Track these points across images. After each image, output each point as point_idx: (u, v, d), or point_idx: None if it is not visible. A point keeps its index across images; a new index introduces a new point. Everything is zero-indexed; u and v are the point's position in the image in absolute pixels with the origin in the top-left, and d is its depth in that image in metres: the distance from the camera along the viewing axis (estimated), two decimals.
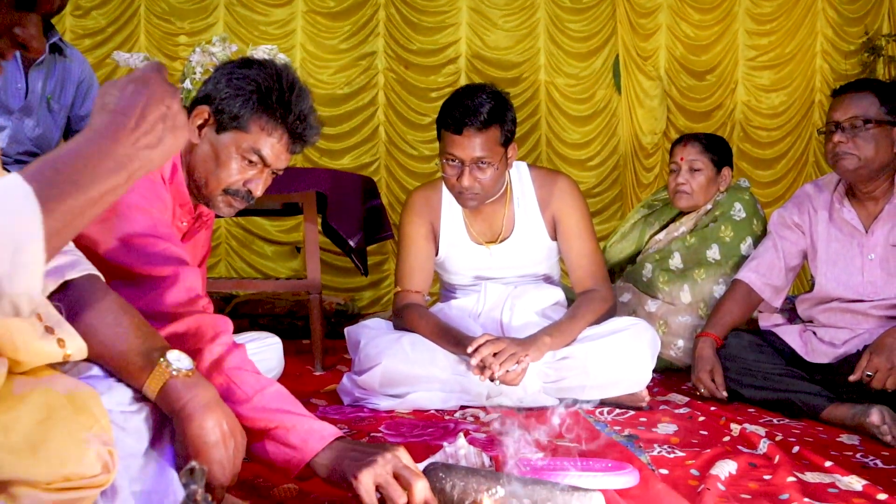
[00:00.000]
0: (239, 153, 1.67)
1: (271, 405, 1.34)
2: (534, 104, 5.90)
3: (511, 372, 2.16)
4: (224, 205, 1.73)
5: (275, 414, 1.33)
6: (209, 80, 1.73)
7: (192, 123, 1.68)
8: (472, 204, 2.42)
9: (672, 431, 2.07)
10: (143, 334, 1.27)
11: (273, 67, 1.69)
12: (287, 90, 1.66)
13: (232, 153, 1.67)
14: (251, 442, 1.33)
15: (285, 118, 1.67)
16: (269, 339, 2.17)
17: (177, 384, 1.24)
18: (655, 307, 3.04)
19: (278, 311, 4.35)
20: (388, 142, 5.87)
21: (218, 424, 1.23)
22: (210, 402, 1.26)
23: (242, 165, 1.68)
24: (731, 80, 5.98)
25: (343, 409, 2.27)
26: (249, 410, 1.33)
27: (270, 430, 1.32)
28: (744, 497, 1.51)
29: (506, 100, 2.37)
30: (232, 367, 1.37)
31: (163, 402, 1.25)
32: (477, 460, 1.56)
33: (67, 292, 1.22)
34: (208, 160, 1.69)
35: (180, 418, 1.23)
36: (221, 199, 1.72)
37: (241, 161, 1.67)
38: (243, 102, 1.65)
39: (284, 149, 1.70)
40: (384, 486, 1.25)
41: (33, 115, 2.93)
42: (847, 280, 2.44)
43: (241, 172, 1.68)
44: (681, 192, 3.11)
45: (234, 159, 1.67)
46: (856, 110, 2.34)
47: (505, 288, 2.55)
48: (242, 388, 1.34)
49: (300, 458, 1.31)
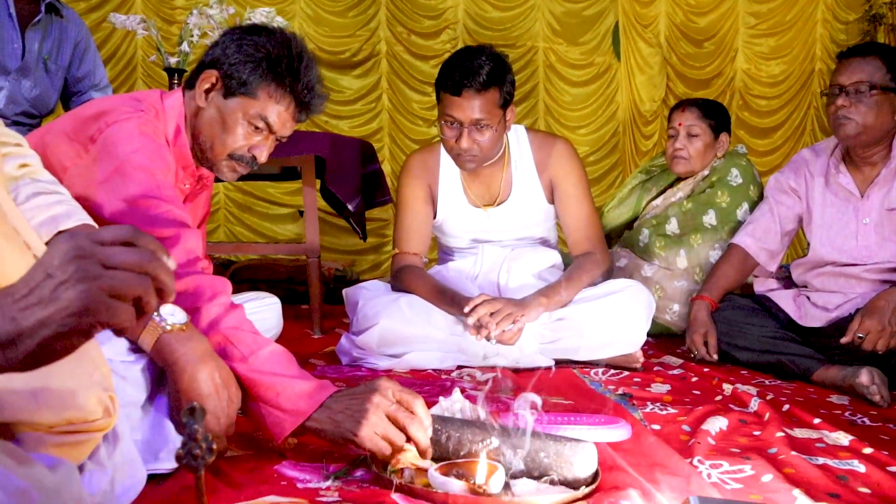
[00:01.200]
0: (246, 119, 1.68)
1: (265, 367, 1.34)
2: (531, 69, 5.88)
3: (507, 332, 2.18)
4: (228, 170, 1.75)
5: (267, 376, 1.33)
6: (217, 45, 1.73)
7: (200, 87, 1.69)
8: (471, 166, 2.43)
9: (665, 391, 2.10)
10: None
11: (282, 35, 1.70)
12: (296, 59, 1.67)
13: (239, 119, 1.68)
14: (246, 401, 1.35)
15: (294, 86, 1.68)
16: (267, 299, 2.19)
17: (170, 338, 1.27)
18: (652, 272, 3.06)
19: (277, 277, 4.37)
20: (391, 108, 5.86)
21: (210, 376, 1.26)
22: (203, 355, 1.28)
23: (248, 131, 1.69)
24: (731, 48, 5.95)
25: (341, 368, 2.30)
26: (245, 371, 1.34)
27: (262, 392, 1.33)
28: (733, 451, 1.54)
29: (505, 62, 2.37)
30: (229, 327, 1.38)
31: (157, 356, 1.28)
32: (472, 414, 1.58)
33: None
34: (214, 124, 1.70)
35: (174, 371, 1.26)
36: (226, 164, 1.74)
37: (248, 127, 1.69)
38: (252, 69, 1.65)
39: (291, 117, 1.72)
40: (385, 435, 1.27)
41: (30, 76, 2.93)
42: (841, 244, 2.46)
43: (246, 138, 1.70)
44: (678, 157, 3.11)
45: (240, 125, 1.68)
46: (861, 75, 2.33)
47: (502, 250, 2.57)
48: (239, 348, 1.36)
49: (291, 422, 1.32)
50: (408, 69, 5.85)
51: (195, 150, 1.75)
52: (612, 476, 1.32)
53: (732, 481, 1.37)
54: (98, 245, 0.73)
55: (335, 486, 1.25)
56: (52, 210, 1.23)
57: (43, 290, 0.71)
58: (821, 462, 1.49)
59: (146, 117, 1.65)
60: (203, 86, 1.69)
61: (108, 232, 0.76)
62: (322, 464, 1.35)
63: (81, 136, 1.60)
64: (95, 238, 0.74)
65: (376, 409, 1.29)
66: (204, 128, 1.71)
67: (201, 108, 1.71)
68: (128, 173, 1.54)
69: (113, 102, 1.67)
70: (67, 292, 0.70)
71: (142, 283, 0.73)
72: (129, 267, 0.73)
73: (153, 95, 1.74)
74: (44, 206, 1.22)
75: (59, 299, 0.70)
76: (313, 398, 1.32)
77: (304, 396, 1.32)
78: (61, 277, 0.71)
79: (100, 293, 0.71)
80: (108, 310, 0.71)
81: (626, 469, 1.35)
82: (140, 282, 0.73)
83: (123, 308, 0.72)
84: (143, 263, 0.74)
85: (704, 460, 1.46)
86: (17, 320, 0.71)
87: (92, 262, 0.72)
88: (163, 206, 1.54)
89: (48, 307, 0.71)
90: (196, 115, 1.72)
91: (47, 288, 0.71)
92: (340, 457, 1.41)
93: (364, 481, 1.28)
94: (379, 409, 1.28)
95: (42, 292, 0.71)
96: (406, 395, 1.33)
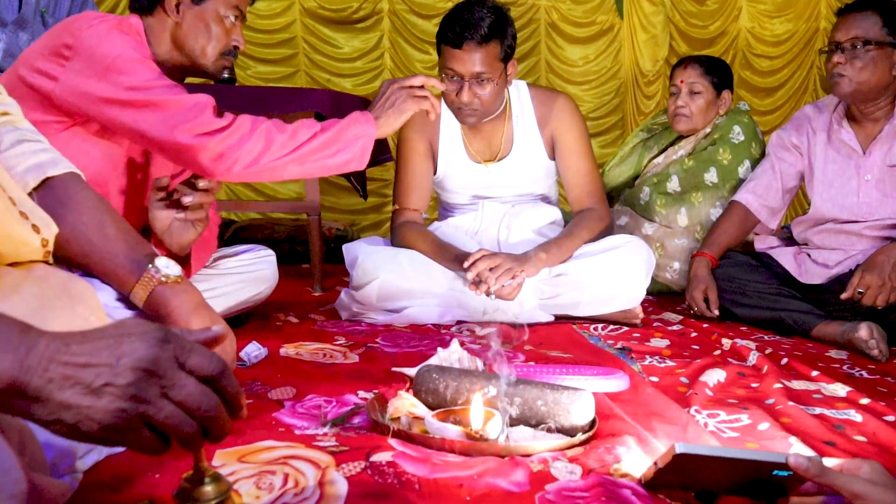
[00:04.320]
0: (224, 14, 1.82)
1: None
2: (533, 27, 5.82)
3: (507, 287, 2.18)
4: (221, 67, 1.87)
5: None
6: None
7: (169, 3, 1.79)
8: (471, 120, 2.41)
9: (664, 345, 2.10)
10: (129, 238, 1.28)
11: None
12: None
13: (218, 16, 1.82)
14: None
15: None
16: (262, 252, 2.19)
17: (165, 290, 1.27)
18: (652, 230, 3.05)
19: (278, 237, 4.36)
20: (393, 67, 5.81)
21: (204, 326, 1.27)
22: (198, 306, 1.29)
23: (227, 25, 1.84)
24: (735, 6, 5.88)
25: (341, 322, 2.30)
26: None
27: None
28: (730, 402, 1.55)
29: (506, 15, 2.35)
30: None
31: (151, 308, 1.28)
32: (470, 364, 1.59)
33: (49, 191, 1.22)
34: (198, 31, 1.81)
35: (167, 323, 1.26)
36: (219, 63, 1.86)
37: (226, 21, 1.83)
38: None
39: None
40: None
41: (28, 29, 2.89)
42: (843, 201, 2.45)
43: (228, 33, 1.84)
44: (680, 115, 3.09)
45: (221, 22, 1.82)
46: (857, 31, 2.31)
47: (502, 206, 2.56)
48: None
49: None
50: (409, 27, 5.79)
51: (181, 63, 1.84)
52: (609, 424, 1.32)
53: (729, 430, 1.37)
54: (177, 367, 0.68)
55: (333, 433, 1.25)
56: (37, 157, 1.22)
57: (97, 377, 0.64)
58: (818, 412, 1.50)
59: (121, 20, 1.74)
60: (172, 1, 1.79)
61: (199, 356, 0.69)
62: (320, 411, 1.36)
63: (55, 45, 1.65)
64: (182, 356, 0.68)
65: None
66: (188, 38, 1.81)
67: (177, 22, 1.81)
68: (121, 67, 1.64)
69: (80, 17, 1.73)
70: (110, 399, 0.64)
71: (188, 427, 0.68)
72: (188, 408, 0.68)
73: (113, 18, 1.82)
74: (29, 153, 1.21)
75: (99, 400, 0.64)
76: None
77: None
78: (118, 379, 0.65)
79: (137, 420, 0.65)
80: (136, 438, 0.66)
81: (623, 417, 1.36)
82: (187, 426, 0.68)
83: (152, 441, 0.67)
84: (204, 410, 0.68)
85: (701, 410, 1.47)
86: (51, 384, 0.64)
87: (155, 385, 0.66)
88: (173, 87, 1.69)
89: (85, 397, 0.64)
90: (175, 30, 1.81)
91: (101, 378, 0.64)
92: (339, 404, 1.42)
93: (361, 428, 1.29)
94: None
95: (93, 378, 0.64)
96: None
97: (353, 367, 1.75)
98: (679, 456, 0.98)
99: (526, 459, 1.14)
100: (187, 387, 0.68)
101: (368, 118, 1.88)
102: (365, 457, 1.13)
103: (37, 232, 1.08)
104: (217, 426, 0.70)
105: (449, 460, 1.13)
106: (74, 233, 1.22)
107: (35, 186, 1.20)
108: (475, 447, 1.16)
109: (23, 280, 1.03)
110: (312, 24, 5.70)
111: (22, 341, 0.64)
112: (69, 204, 1.23)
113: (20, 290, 1.00)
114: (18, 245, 1.06)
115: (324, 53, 5.72)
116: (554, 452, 1.18)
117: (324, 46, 5.72)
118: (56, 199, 1.22)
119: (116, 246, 1.26)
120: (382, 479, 1.06)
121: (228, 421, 0.71)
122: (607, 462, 1.15)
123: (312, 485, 1.04)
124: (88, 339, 0.66)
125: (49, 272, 1.09)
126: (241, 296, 2.07)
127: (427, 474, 1.08)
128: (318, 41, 5.71)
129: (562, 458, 1.16)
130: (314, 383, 1.56)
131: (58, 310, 1.01)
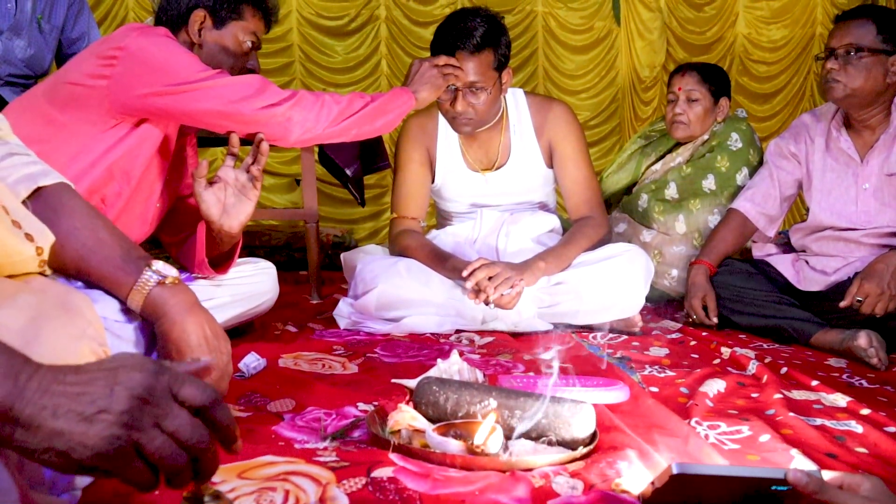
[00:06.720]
0: (242, 40, 1.93)
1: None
2: (530, 34, 5.82)
3: (506, 296, 2.18)
4: None
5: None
6: None
7: (192, 27, 1.90)
8: (467, 129, 2.41)
9: (663, 354, 2.10)
10: (123, 242, 1.29)
11: None
12: None
13: (238, 42, 1.93)
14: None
15: (261, 2, 1.97)
16: (262, 264, 2.18)
17: (162, 291, 1.27)
18: (650, 237, 3.05)
19: (275, 244, 4.35)
20: (390, 74, 5.81)
21: (199, 326, 1.28)
22: (193, 307, 1.30)
23: (245, 49, 1.94)
24: (732, 12, 5.89)
25: (339, 331, 2.30)
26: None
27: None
28: (731, 412, 1.54)
29: (500, 23, 2.35)
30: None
31: (147, 310, 1.28)
32: (470, 376, 1.59)
33: (40, 200, 1.22)
34: (220, 54, 1.92)
35: (164, 323, 1.27)
36: None
37: (244, 45, 1.94)
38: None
39: (264, 27, 2.01)
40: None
41: (23, 36, 2.89)
42: (841, 209, 2.45)
43: (244, 57, 1.95)
44: (678, 122, 3.09)
45: (239, 46, 1.93)
46: (851, 38, 2.32)
47: (500, 215, 2.56)
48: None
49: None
50: (406, 35, 5.78)
51: None
52: (610, 437, 1.32)
53: (730, 442, 1.37)
54: (170, 398, 0.67)
55: (333, 447, 1.25)
56: (28, 168, 1.22)
57: (91, 404, 0.64)
58: (818, 423, 1.50)
59: (160, 30, 1.84)
60: (195, 27, 1.89)
61: (191, 387, 0.69)
62: (320, 424, 1.36)
63: (103, 51, 1.75)
64: (175, 387, 0.68)
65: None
66: (207, 60, 1.88)
67: (197, 45, 1.91)
68: (176, 58, 1.77)
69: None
70: (104, 426, 0.64)
71: (177, 460, 0.67)
72: (179, 440, 0.67)
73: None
74: (19, 165, 1.21)
75: (93, 426, 0.64)
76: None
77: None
78: (114, 406, 0.64)
79: (130, 448, 0.65)
80: (127, 467, 0.65)
81: (623, 430, 1.35)
82: (175, 458, 0.67)
83: (143, 473, 0.66)
84: (195, 444, 0.68)
85: (702, 421, 1.47)
86: (45, 411, 0.63)
87: (149, 413, 0.65)
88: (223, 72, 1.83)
89: (78, 424, 0.63)
90: (195, 52, 1.89)
91: (95, 406, 0.64)
92: (338, 417, 1.41)
93: (361, 442, 1.28)
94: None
95: (87, 406, 0.64)
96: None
97: (352, 378, 1.75)
98: (676, 476, 0.97)
99: (527, 474, 1.13)
100: (179, 417, 0.67)
101: (408, 92, 2.15)
102: (366, 472, 1.12)
103: (30, 241, 1.08)
104: (207, 458, 0.70)
105: (450, 475, 1.12)
106: (69, 238, 1.23)
107: (26, 196, 1.20)
108: (476, 462, 1.16)
109: (19, 291, 1.02)
110: (309, 33, 5.70)
111: (19, 371, 0.64)
112: (62, 210, 1.24)
113: (16, 301, 0.99)
114: (11, 254, 1.05)
115: (319, 63, 5.72)
116: (555, 467, 1.17)
117: (319, 56, 5.72)
118: (48, 207, 1.22)
119: (111, 249, 1.27)
120: (384, 496, 1.06)
121: (218, 455, 0.71)
122: (609, 477, 1.15)
123: (313, 501, 1.03)
124: (83, 371, 0.66)
125: (47, 284, 1.08)
126: (240, 308, 2.06)
127: (429, 490, 1.08)
128: (313, 50, 5.70)
129: (563, 472, 1.15)
130: (314, 395, 1.55)
131: (54, 320, 1.00)
